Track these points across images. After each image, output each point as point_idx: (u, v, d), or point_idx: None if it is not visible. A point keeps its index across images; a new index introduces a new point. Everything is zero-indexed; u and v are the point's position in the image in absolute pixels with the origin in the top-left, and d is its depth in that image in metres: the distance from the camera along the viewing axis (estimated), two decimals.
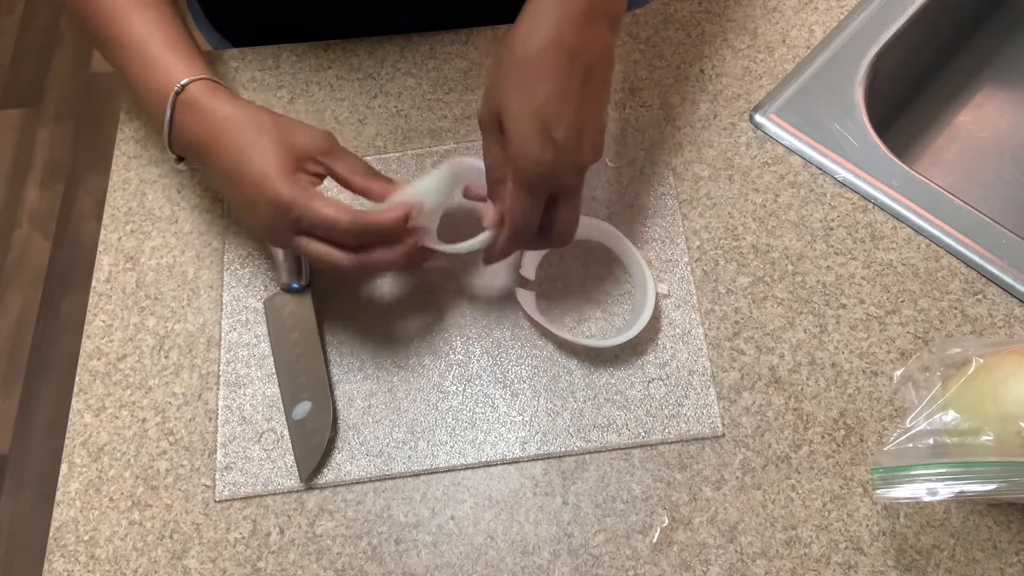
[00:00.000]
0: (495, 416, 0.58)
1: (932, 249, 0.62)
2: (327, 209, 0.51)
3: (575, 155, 0.50)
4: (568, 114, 0.49)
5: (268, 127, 0.53)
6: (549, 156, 0.49)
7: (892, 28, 0.71)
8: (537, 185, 0.51)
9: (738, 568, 0.53)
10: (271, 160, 0.52)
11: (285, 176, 0.51)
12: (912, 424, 0.50)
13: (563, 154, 0.50)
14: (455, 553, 0.54)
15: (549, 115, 0.49)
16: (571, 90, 0.50)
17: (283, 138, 0.53)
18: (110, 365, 0.62)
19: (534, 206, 0.52)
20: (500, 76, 0.51)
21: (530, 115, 0.49)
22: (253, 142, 0.53)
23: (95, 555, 0.56)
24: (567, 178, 0.51)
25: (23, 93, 1.86)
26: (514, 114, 0.50)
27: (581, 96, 0.50)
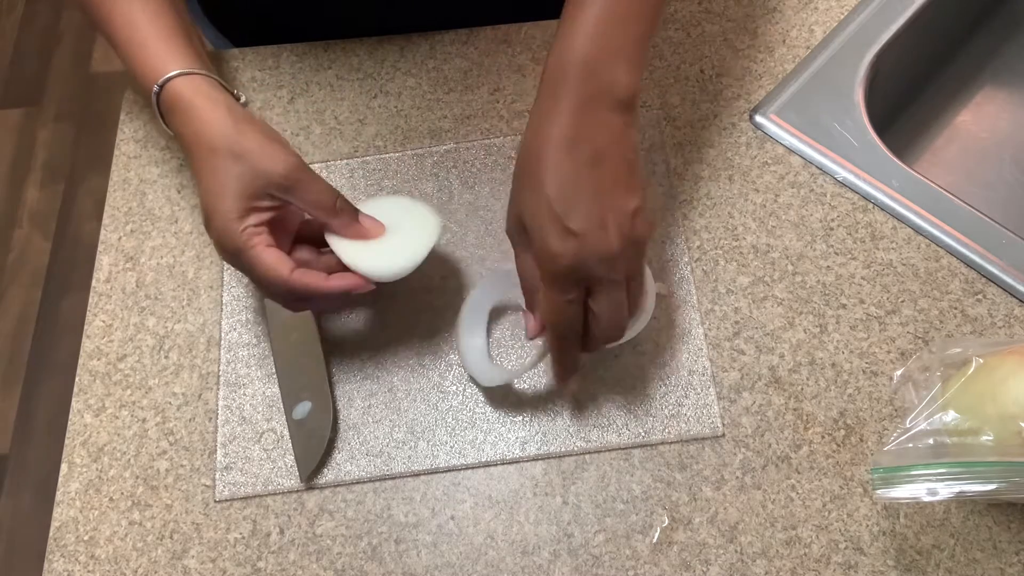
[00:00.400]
0: (495, 416, 0.58)
1: (932, 249, 0.62)
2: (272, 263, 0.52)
3: (599, 243, 0.47)
4: (582, 203, 0.47)
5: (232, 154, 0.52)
6: (570, 248, 0.47)
7: (892, 28, 0.71)
8: (562, 279, 0.48)
9: (738, 568, 0.53)
10: (226, 200, 0.52)
11: (231, 221, 0.51)
12: (912, 424, 0.50)
13: (585, 243, 0.47)
14: (455, 553, 0.54)
15: (561, 207, 0.47)
16: (582, 179, 0.48)
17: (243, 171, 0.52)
18: (110, 365, 0.62)
19: (565, 303, 0.49)
20: (514, 185, 0.51)
21: (543, 211, 0.48)
22: (212, 168, 0.52)
23: (95, 555, 0.56)
24: (595, 268, 0.48)
25: (23, 93, 1.86)
26: (528, 215, 0.49)
27: (595, 183, 0.48)
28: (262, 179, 0.52)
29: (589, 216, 0.47)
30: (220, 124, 0.53)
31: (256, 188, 0.52)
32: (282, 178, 0.52)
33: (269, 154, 0.53)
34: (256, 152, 0.52)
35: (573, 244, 0.47)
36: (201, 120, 0.54)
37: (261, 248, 0.52)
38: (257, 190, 0.52)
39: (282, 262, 0.52)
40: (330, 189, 0.54)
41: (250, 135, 0.53)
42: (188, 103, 0.54)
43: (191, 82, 0.55)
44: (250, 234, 0.52)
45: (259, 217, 0.52)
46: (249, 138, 0.53)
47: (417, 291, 0.63)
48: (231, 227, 0.51)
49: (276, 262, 0.52)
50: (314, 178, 0.54)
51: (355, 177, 0.67)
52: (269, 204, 0.53)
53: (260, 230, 0.52)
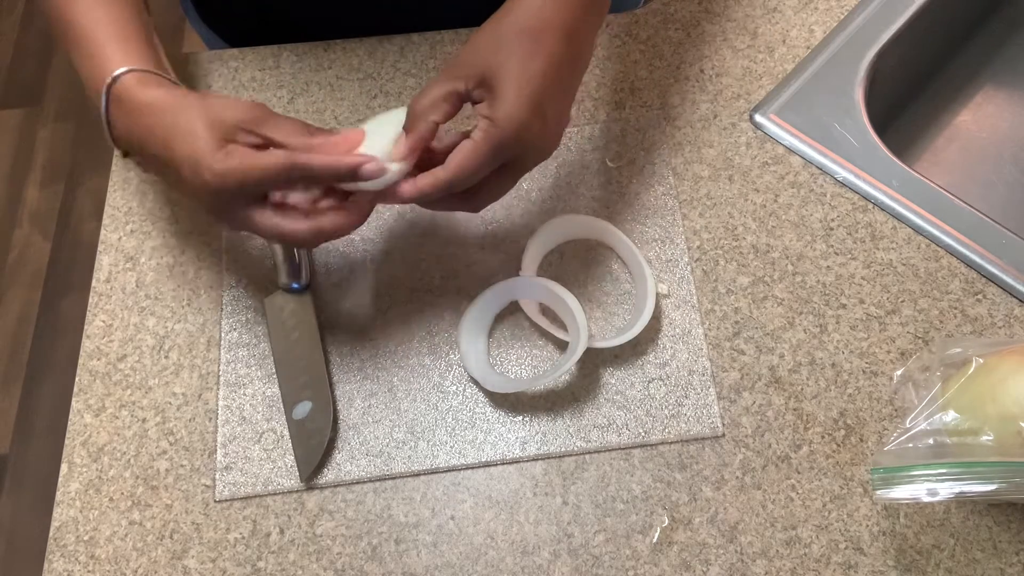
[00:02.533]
0: (495, 416, 0.58)
1: (932, 249, 0.62)
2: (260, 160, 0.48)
3: (552, 137, 0.51)
4: (558, 96, 0.50)
5: (192, 106, 0.51)
6: (535, 126, 0.49)
7: (892, 28, 0.71)
8: (508, 149, 0.49)
9: (738, 568, 0.53)
10: (199, 139, 0.49)
11: (214, 150, 0.49)
12: (912, 424, 0.50)
13: (545, 130, 0.50)
14: (455, 553, 0.54)
15: (543, 89, 0.49)
16: (564, 75, 0.50)
17: (209, 115, 0.50)
18: (110, 365, 0.62)
19: (490, 167, 0.50)
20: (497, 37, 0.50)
21: (526, 82, 0.48)
22: (176, 123, 0.50)
23: (95, 555, 0.56)
24: (530, 155, 0.51)
25: (23, 93, 1.86)
26: (513, 76, 0.48)
27: (569, 83, 0.51)
28: (230, 116, 0.50)
29: (556, 109, 0.50)
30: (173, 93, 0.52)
31: (228, 124, 0.50)
32: (248, 112, 0.51)
33: (231, 100, 0.52)
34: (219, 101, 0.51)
35: (539, 126, 0.49)
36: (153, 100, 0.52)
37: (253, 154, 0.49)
38: (229, 126, 0.50)
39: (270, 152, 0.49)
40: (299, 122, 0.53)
41: (206, 94, 0.53)
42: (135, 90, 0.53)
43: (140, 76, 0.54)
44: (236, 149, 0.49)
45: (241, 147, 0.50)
46: (206, 95, 0.52)
47: (417, 291, 0.63)
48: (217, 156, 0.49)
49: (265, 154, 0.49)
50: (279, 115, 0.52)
51: None
52: (246, 140, 0.50)
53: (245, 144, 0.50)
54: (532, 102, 0.48)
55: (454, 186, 0.50)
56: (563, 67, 0.50)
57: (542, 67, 0.49)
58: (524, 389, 0.58)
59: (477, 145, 0.49)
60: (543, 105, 0.49)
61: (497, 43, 0.50)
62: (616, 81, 0.70)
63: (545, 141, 0.51)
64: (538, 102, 0.49)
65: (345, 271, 0.64)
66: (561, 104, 0.51)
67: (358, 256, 0.65)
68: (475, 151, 0.49)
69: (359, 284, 0.63)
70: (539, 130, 0.49)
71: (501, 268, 0.63)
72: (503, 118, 0.48)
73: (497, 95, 0.49)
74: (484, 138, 0.49)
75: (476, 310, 0.60)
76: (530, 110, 0.48)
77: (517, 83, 0.48)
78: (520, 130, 0.49)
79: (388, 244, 0.65)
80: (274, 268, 0.63)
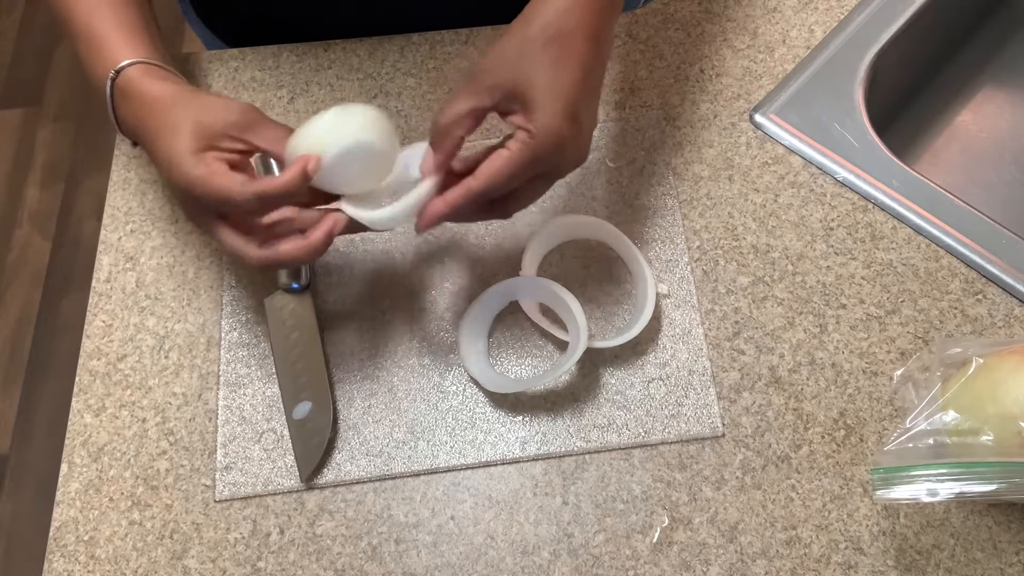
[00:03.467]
0: (495, 416, 0.58)
1: (932, 249, 0.62)
2: (223, 181, 0.48)
3: (585, 147, 0.50)
4: (591, 102, 0.50)
5: (185, 104, 0.51)
6: (572, 135, 0.48)
7: (892, 28, 0.71)
8: (544, 160, 0.49)
9: (738, 568, 0.53)
10: (182, 139, 0.50)
11: (192, 154, 0.49)
12: (912, 424, 0.50)
13: (580, 138, 0.49)
14: (455, 553, 0.54)
15: (577, 97, 0.48)
16: (594, 80, 0.50)
17: (198, 116, 0.51)
18: (110, 365, 0.62)
19: (525, 175, 0.49)
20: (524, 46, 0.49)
21: (562, 91, 0.48)
22: (167, 122, 0.51)
23: (95, 555, 0.56)
24: (566, 164, 0.50)
25: (23, 93, 1.86)
26: (547, 86, 0.48)
27: (597, 88, 0.50)
28: (219, 119, 0.51)
29: (590, 118, 0.50)
30: (172, 88, 0.53)
31: (213, 129, 0.50)
32: (239, 116, 0.51)
33: (222, 101, 0.52)
34: (212, 101, 0.52)
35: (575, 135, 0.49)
36: (149, 94, 0.53)
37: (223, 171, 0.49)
38: (214, 132, 0.50)
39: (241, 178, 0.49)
40: (286, 127, 0.53)
41: (198, 93, 0.53)
42: (135, 85, 0.54)
43: (145, 69, 0.55)
44: (211, 160, 0.49)
45: (219, 155, 0.51)
46: (201, 94, 0.53)
47: (417, 291, 0.63)
48: (192, 160, 0.49)
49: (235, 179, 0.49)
50: (269, 119, 0.53)
51: None
52: (229, 146, 0.51)
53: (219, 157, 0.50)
54: (568, 111, 0.48)
55: (487, 196, 0.50)
56: (593, 72, 0.50)
57: (574, 75, 0.48)
58: (524, 389, 0.58)
59: (513, 155, 0.48)
60: (579, 114, 0.48)
61: (525, 53, 0.49)
62: (616, 81, 0.70)
63: (580, 149, 0.50)
64: (574, 111, 0.48)
65: (345, 271, 0.64)
66: (593, 108, 0.51)
67: (358, 256, 0.65)
68: (512, 161, 0.48)
69: (359, 284, 0.63)
70: (575, 139, 0.49)
71: (501, 268, 0.63)
72: (541, 129, 0.48)
73: (533, 106, 0.48)
74: (522, 148, 0.48)
75: (476, 310, 0.60)
76: (567, 120, 0.48)
77: (552, 93, 0.48)
78: (559, 141, 0.48)
79: (388, 244, 0.65)
80: None
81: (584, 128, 0.49)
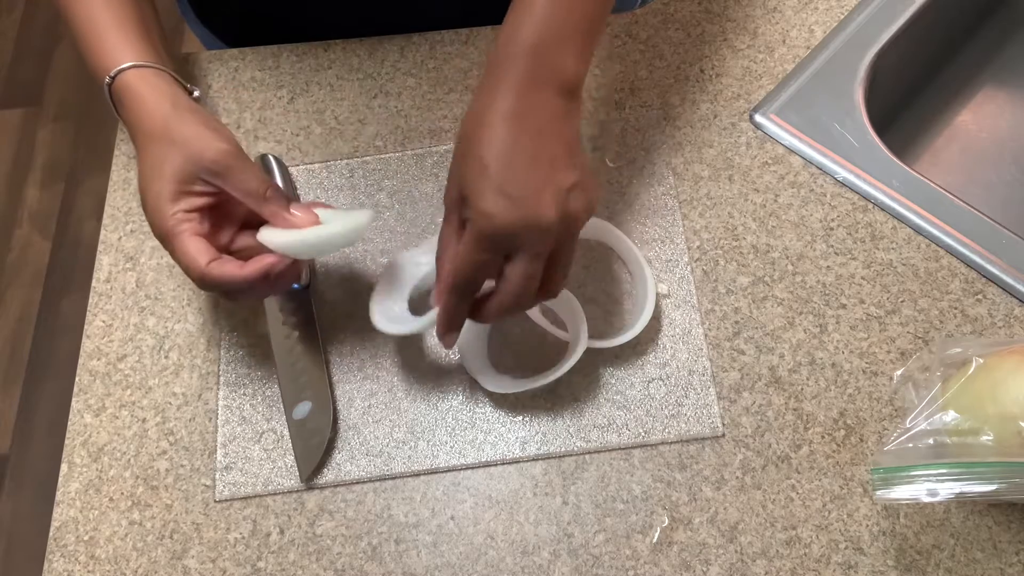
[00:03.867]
0: (495, 416, 0.58)
1: (932, 249, 0.62)
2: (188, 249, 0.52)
3: (535, 210, 0.47)
4: (521, 171, 0.48)
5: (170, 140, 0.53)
6: (503, 208, 0.47)
7: (892, 28, 0.71)
8: (487, 239, 0.48)
9: (738, 568, 0.53)
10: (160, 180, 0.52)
11: (161, 205, 0.52)
12: (912, 424, 0.50)
13: (521, 208, 0.47)
14: (455, 553, 0.54)
15: (500, 173, 0.48)
16: (522, 149, 0.48)
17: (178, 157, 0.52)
18: (110, 365, 0.62)
19: (480, 262, 0.49)
20: (459, 151, 0.50)
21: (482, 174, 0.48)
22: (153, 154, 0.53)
23: (95, 555, 0.56)
24: (524, 235, 0.48)
25: (23, 93, 1.86)
26: (468, 179, 0.48)
27: (534, 155, 0.48)
28: (193, 163, 0.52)
29: (527, 184, 0.48)
30: (160, 112, 0.54)
31: (187, 172, 0.52)
32: (212, 163, 0.52)
33: (202, 140, 0.53)
34: (190, 138, 0.53)
35: (508, 206, 0.47)
36: (144, 109, 0.55)
37: (187, 236, 0.52)
38: (188, 175, 0.52)
39: (201, 253, 0.52)
40: (260, 177, 0.54)
41: (188, 122, 0.54)
42: (134, 93, 0.55)
43: (140, 74, 0.56)
44: (179, 220, 0.52)
45: (191, 202, 0.52)
46: (186, 125, 0.54)
47: (417, 291, 0.63)
48: (162, 209, 0.52)
49: (196, 252, 0.51)
50: (246, 165, 0.53)
51: (355, 177, 0.67)
52: (202, 189, 0.53)
53: (190, 216, 0.52)
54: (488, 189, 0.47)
55: (456, 286, 0.51)
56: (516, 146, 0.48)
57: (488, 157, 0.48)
58: (524, 389, 0.58)
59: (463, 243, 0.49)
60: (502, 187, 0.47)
61: (456, 158, 0.51)
62: (616, 81, 0.70)
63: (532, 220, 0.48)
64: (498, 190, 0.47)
65: (345, 271, 0.64)
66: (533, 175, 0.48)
67: (358, 256, 0.65)
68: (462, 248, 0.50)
69: (359, 284, 0.63)
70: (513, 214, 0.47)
71: None
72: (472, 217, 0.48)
73: (467, 203, 0.49)
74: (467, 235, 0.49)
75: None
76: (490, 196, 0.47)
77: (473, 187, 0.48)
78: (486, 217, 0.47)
79: (388, 244, 0.65)
80: None
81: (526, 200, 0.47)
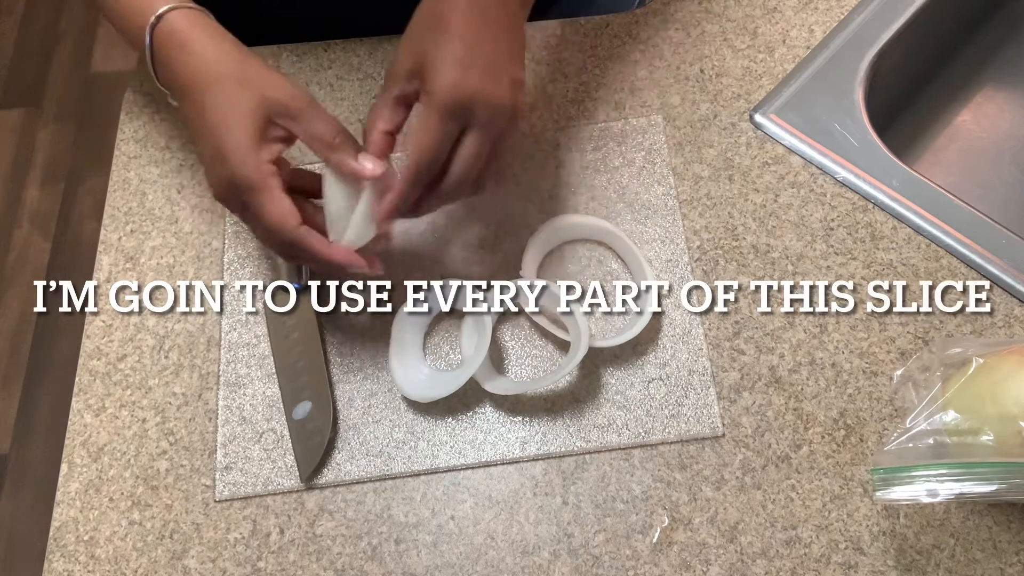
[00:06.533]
0: (495, 416, 0.58)
1: (932, 249, 0.62)
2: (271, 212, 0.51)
3: (494, 89, 0.50)
4: (485, 53, 0.51)
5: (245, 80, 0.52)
6: (468, 79, 0.49)
7: (892, 28, 0.71)
8: (450, 110, 0.50)
9: (738, 568, 0.53)
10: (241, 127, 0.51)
11: (248, 152, 0.50)
12: (912, 424, 0.50)
13: (483, 83, 0.50)
14: (455, 553, 0.54)
15: (468, 50, 0.50)
16: (486, 38, 0.51)
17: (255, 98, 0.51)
18: (110, 365, 0.62)
19: (443, 133, 0.50)
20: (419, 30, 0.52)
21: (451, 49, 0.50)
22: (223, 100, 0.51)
23: (95, 555, 0.56)
24: (482, 110, 0.50)
25: (23, 93, 1.86)
26: (432, 52, 0.50)
27: (495, 43, 0.51)
28: (270, 105, 0.51)
29: (489, 65, 0.51)
30: (224, 53, 0.53)
31: (265, 115, 0.51)
32: (286, 106, 0.52)
33: (275, 81, 0.53)
34: (263, 78, 0.52)
35: (472, 77, 0.50)
36: (203, 51, 0.53)
37: (278, 192, 0.51)
38: (266, 118, 0.51)
39: (292, 213, 0.52)
40: (332, 122, 0.54)
41: (254, 62, 0.53)
42: (186, 36, 0.53)
43: (187, 15, 0.54)
44: (270, 171, 0.51)
45: (272, 150, 0.52)
46: (253, 65, 0.53)
47: (418, 291, 0.63)
48: (249, 159, 0.50)
49: (288, 211, 0.51)
50: (318, 110, 0.53)
51: None
52: (278, 135, 0.52)
53: (275, 170, 0.52)
54: (460, 64, 0.50)
55: (420, 165, 0.51)
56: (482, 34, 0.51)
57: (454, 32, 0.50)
58: (525, 391, 0.58)
59: (422, 120, 0.50)
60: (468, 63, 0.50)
61: (412, 36, 0.52)
62: (616, 81, 0.70)
63: (491, 95, 0.50)
64: (462, 62, 0.50)
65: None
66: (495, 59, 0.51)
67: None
68: (422, 125, 0.50)
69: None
70: (476, 85, 0.50)
71: (501, 268, 0.63)
72: (436, 85, 0.50)
73: (427, 73, 0.50)
74: (426, 110, 0.50)
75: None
76: (461, 70, 0.50)
77: (437, 56, 0.50)
78: (458, 90, 0.49)
79: (388, 244, 0.65)
80: (274, 268, 0.63)
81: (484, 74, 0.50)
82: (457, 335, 0.61)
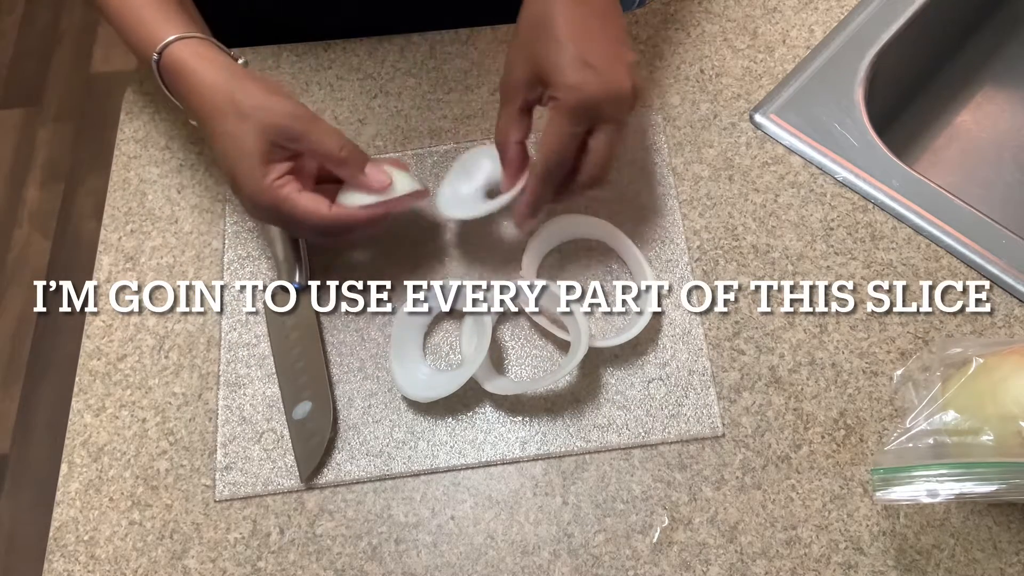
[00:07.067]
0: (495, 416, 0.58)
1: (932, 249, 0.62)
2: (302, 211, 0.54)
3: (614, 79, 0.52)
4: (597, 44, 0.52)
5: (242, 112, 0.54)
6: (590, 79, 0.51)
7: (892, 28, 0.71)
8: (578, 111, 0.52)
9: (738, 568, 0.53)
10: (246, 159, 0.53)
11: (257, 180, 0.53)
12: (912, 424, 0.50)
13: (603, 77, 0.52)
14: (455, 553, 0.54)
15: (579, 46, 0.52)
16: (592, 29, 0.53)
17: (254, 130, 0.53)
18: (110, 365, 0.62)
19: (571, 135, 0.53)
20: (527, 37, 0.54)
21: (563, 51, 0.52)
22: (227, 132, 0.54)
23: (95, 555, 0.56)
24: (607, 104, 0.53)
25: (23, 93, 1.86)
26: (546, 59, 0.52)
27: (603, 31, 0.53)
28: (270, 133, 0.54)
29: (604, 55, 0.53)
30: (221, 84, 0.55)
31: (266, 142, 0.54)
32: (287, 129, 0.54)
33: (271, 107, 0.54)
34: (259, 108, 0.54)
35: (593, 76, 0.52)
36: (203, 84, 0.55)
37: (295, 195, 0.54)
38: (268, 144, 0.54)
39: (318, 201, 0.55)
40: (336, 136, 0.56)
41: (251, 91, 0.54)
42: (188, 68, 0.55)
43: (188, 46, 0.56)
44: (279, 186, 0.54)
45: (279, 169, 0.54)
46: (250, 95, 0.54)
47: (418, 291, 0.63)
48: (260, 185, 0.54)
49: (313, 203, 0.54)
50: (320, 127, 0.56)
51: None
52: (283, 155, 0.55)
53: (286, 180, 0.54)
54: (573, 62, 0.52)
55: (551, 167, 0.54)
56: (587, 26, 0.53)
57: (564, 34, 0.52)
58: (525, 391, 0.58)
59: (551, 123, 0.53)
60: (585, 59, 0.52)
61: (522, 44, 0.54)
62: None
63: (614, 90, 0.52)
64: (578, 59, 0.52)
65: (345, 271, 0.64)
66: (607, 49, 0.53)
67: (358, 256, 0.65)
68: (552, 128, 0.53)
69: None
70: (598, 80, 0.52)
71: (501, 268, 0.63)
72: (562, 88, 0.52)
73: (549, 79, 0.53)
74: (555, 113, 0.53)
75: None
76: (580, 69, 0.52)
77: (554, 61, 0.52)
78: (583, 89, 0.52)
79: (389, 244, 0.65)
80: (274, 268, 0.64)
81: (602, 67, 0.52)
82: (457, 335, 0.61)
